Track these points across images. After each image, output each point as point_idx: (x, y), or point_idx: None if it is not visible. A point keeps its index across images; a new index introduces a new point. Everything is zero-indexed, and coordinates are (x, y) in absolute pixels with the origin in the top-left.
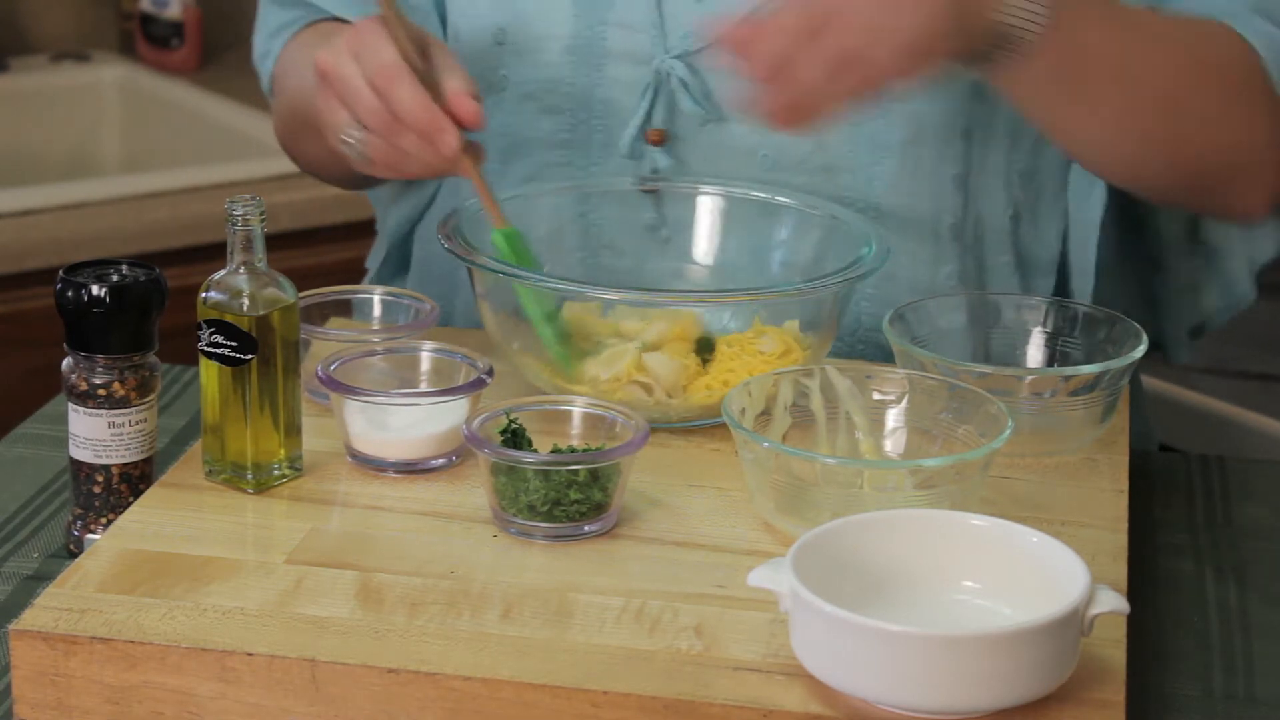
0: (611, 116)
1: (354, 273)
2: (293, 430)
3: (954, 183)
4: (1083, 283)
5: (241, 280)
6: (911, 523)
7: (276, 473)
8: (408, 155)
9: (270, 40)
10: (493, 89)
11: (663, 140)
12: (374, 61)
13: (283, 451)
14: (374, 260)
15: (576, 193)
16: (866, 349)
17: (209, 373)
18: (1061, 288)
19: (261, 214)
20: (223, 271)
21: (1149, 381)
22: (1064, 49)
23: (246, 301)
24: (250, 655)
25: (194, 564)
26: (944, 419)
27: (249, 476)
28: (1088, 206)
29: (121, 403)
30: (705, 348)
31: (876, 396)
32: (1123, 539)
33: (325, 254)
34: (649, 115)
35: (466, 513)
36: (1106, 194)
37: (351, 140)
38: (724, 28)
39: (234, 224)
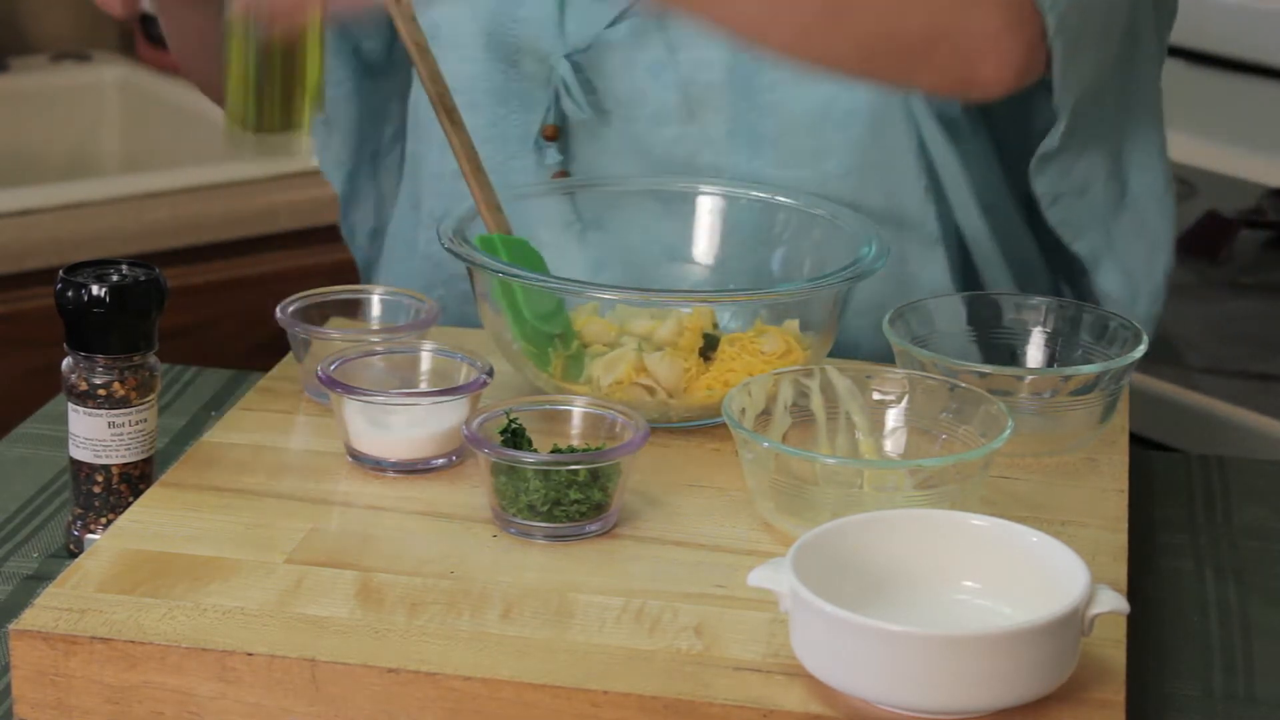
0: (528, 111)
1: (354, 273)
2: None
3: (839, 169)
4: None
5: None
6: (911, 523)
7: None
8: None
9: None
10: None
11: (555, 136)
12: None
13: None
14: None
15: (585, 190)
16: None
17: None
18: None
19: None
20: None
21: (1151, 382)
22: None
23: None
24: (250, 655)
25: (194, 564)
26: (944, 419)
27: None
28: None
29: (121, 403)
30: (711, 345)
31: (876, 396)
32: (1123, 539)
33: (325, 254)
34: (547, 112)
35: (466, 513)
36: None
37: None
38: None
39: None
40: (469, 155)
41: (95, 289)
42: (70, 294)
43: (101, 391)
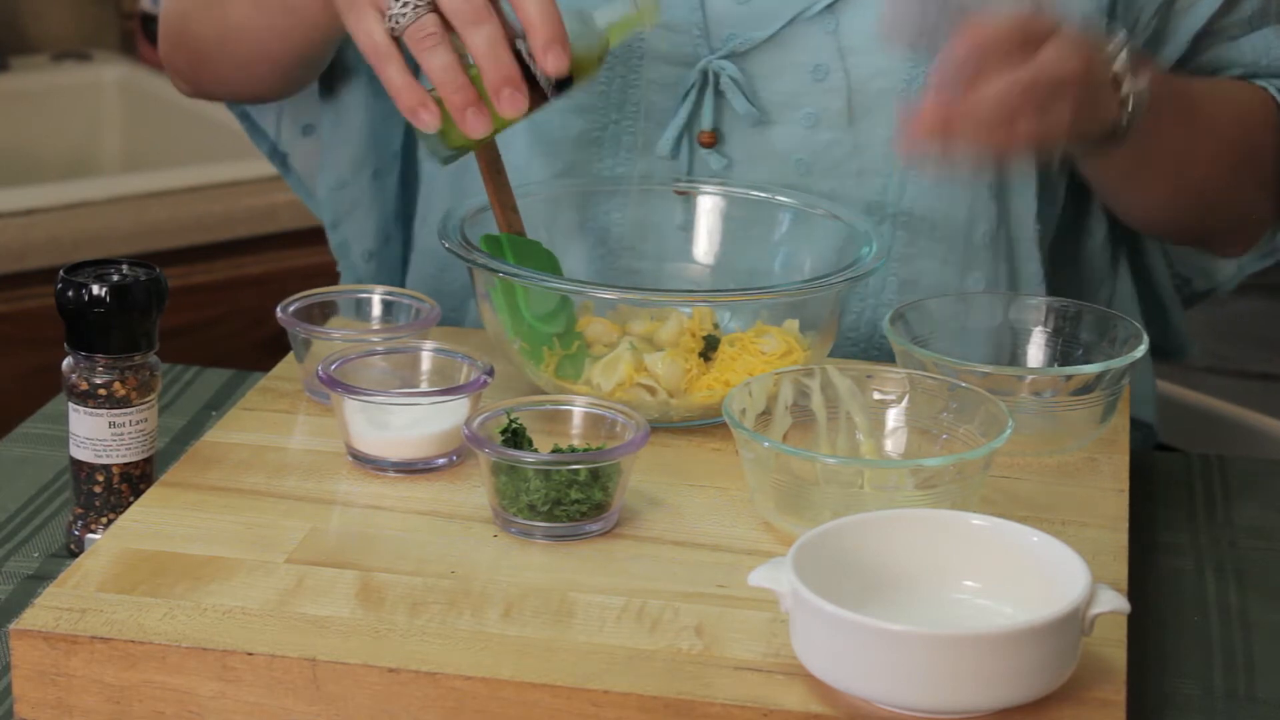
0: (646, 118)
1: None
2: None
3: (989, 190)
4: (1097, 286)
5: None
6: (911, 523)
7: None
8: (455, 64)
9: None
10: None
11: (714, 142)
12: None
13: None
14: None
15: (601, 192)
16: (881, 355)
17: None
18: (1080, 292)
19: None
20: None
21: None
22: (1139, 145)
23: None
24: (250, 655)
25: (194, 564)
26: (944, 419)
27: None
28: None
29: (122, 402)
30: (711, 345)
31: (877, 396)
32: (1123, 538)
33: (325, 254)
34: (692, 116)
35: (467, 512)
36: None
37: (402, 10)
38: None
39: None
40: (490, 159)
41: (96, 289)
42: (71, 294)
43: (102, 391)
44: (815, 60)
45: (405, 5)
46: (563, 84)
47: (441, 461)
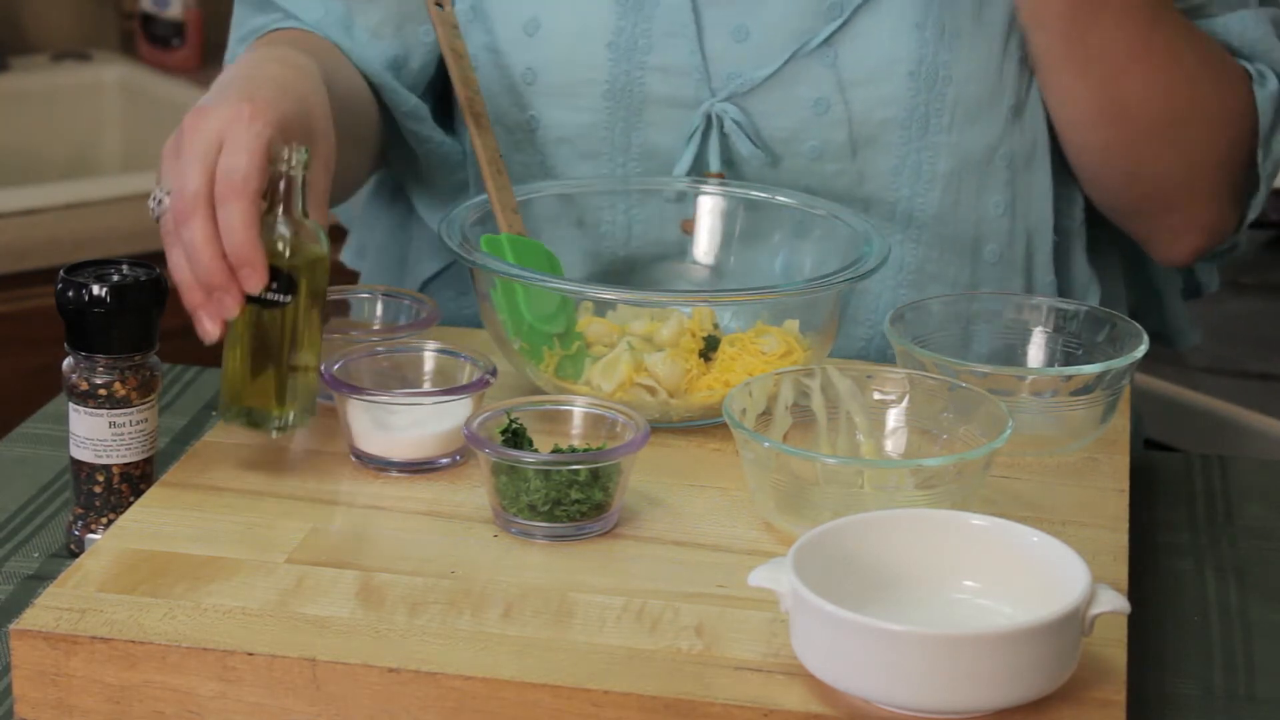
0: (651, 160)
1: (353, 272)
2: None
3: (996, 209)
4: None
5: (282, 226)
6: (912, 522)
7: (289, 422)
8: (180, 257)
9: (238, 45)
10: (520, 128)
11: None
12: (229, 161)
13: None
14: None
15: (603, 192)
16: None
17: (242, 316)
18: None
19: (305, 163)
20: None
21: (1151, 382)
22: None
23: (287, 248)
24: (251, 655)
25: (194, 564)
26: (944, 419)
27: (277, 419)
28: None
29: (122, 402)
30: (711, 345)
31: (877, 396)
32: (1123, 539)
33: None
34: (697, 159)
35: (467, 512)
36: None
37: (156, 201)
38: None
39: (277, 170)
40: (491, 159)
41: (96, 289)
42: (71, 293)
43: (102, 391)
44: (816, 94)
45: (156, 195)
46: (291, 285)
47: (445, 461)
